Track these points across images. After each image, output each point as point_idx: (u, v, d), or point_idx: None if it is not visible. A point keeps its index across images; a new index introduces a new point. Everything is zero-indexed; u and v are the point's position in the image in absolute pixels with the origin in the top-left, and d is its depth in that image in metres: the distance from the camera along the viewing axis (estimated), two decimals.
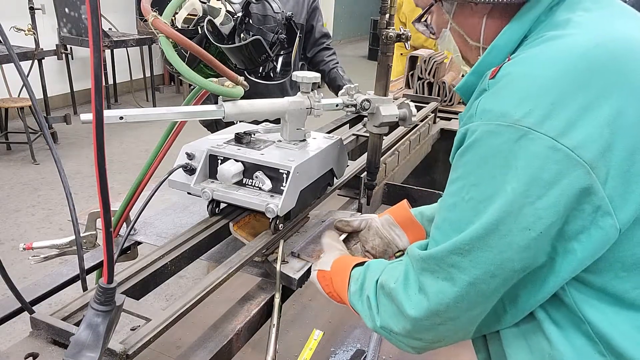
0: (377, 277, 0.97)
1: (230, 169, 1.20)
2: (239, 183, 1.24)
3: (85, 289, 1.07)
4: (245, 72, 1.82)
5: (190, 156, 1.27)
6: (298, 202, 1.24)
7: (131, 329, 0.90)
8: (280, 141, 1.32)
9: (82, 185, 4.23)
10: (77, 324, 0.87)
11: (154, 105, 6.37)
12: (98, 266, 1.22)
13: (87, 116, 0.81)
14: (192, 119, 1.15)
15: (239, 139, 1.30)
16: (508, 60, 0.81)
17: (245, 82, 1.15)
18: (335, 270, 1.10)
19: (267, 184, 1.20)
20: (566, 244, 0.73)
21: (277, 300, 1.14)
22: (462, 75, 1.12)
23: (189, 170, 1.26)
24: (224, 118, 1.13)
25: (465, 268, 0.77)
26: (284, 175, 1.19)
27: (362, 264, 1.06)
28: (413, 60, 2.88)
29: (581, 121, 0.70)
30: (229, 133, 1.36)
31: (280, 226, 1.23)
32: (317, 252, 1.26)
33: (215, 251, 1.28)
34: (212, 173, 1.26)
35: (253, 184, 1.23)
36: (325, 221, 1.42)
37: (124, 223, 1.30)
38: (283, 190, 1.18)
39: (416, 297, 0.84)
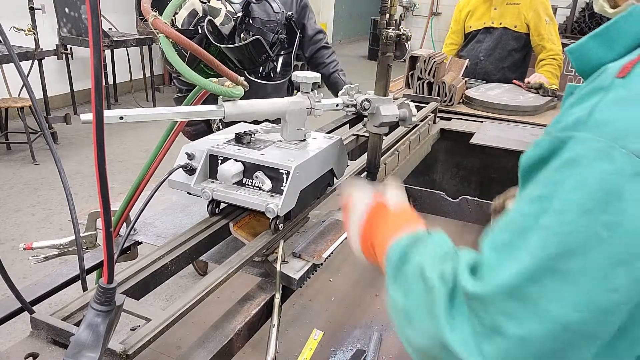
0: (441, 251, 0.72)
1: (230, 169, 1.20)
2: (239, 183, 1.24)
3: (85, 289, 1.07)
4: (246, 72, 1.82)
5: (190, 156, 1.27)
6: (298, 202, 1.24)
7: (131, 329, 0.90)
8: (280, 141, 1.33)
9: (82, 185, 4.22)
10: (77, 324, 0.87)
11: (154, 105, 6.37)
12: (98, 266, 1.22)
13: (87, 116, 0.81)
14: (192, 119, 1.16)
15: (239, 139, 1.30)
16: None
17: (245, 82, 1.15)
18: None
19: (267, 184, 1.20)
20: None
21: (277, 300, 1.14)
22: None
23: (189, 170, 1.26)
24: (224, 118, 1.13)
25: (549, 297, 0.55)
26: (284, 175, 1.19)
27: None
28: (413, 60, 2.88)
29: None
30: (229, 133, 1.36)
31: (280, 226, 1.23)
32: (318, 252, 1.26)
33: (215, 251, 1.28)
34: (212, 173, 1.26)
35: (253, 184, 1.23)
36: (325, 221, 1.42)
37: (124, 223, 1.30)
38: (283, 190, 1.18)
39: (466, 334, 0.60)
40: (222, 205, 1.32)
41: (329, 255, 1.27)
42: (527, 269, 0.55)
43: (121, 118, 0.95)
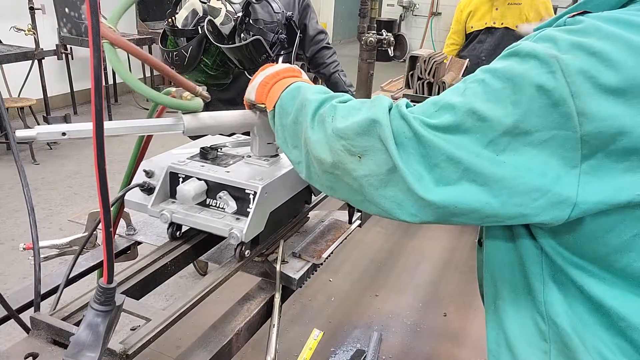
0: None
1: (189, 189, 1.07)
2: (202, 204, 1.12)
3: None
4: (246, 72, 1.81)
5: (148, 174, 1.14)
6: (268, 225, 1.12)
7: (131, 329, 0.90)
8: (250, 157, 1.21)
9: (82, 185, 4.23)
10: (77, 324, 0.87)
11: None
12: (98, 266, 1.22)
13: (24, 132, 0.78)
14: (147, 134, 1.05)
15: (204, 154, 1.18)
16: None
17: (205, 93, 1.04)
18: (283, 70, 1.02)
19: (232, 206, 1.07)
20: None
21: (277, 300, 1.14)
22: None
23: (147, 190, 1.13)
24: (183, 132, 1.00)
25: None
26: (251, 197, 1.06)
27: None
28: (413, 60, 2.88)
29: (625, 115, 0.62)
30: (196, 147, 1.24)
31: (246, 253, 1.10)
32: (318, 252, 1.26)
33: (215, 251, 1.28)
34: (174, 192, 1.13)
35: (217, 205, 1.11)
36: (325, 221, 1.42)
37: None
38: (249, 212, 1.06)
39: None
40: (185, 228, 1.20)
41: (329, 255, 1.27)
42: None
43: (64, 134, 0.82)
